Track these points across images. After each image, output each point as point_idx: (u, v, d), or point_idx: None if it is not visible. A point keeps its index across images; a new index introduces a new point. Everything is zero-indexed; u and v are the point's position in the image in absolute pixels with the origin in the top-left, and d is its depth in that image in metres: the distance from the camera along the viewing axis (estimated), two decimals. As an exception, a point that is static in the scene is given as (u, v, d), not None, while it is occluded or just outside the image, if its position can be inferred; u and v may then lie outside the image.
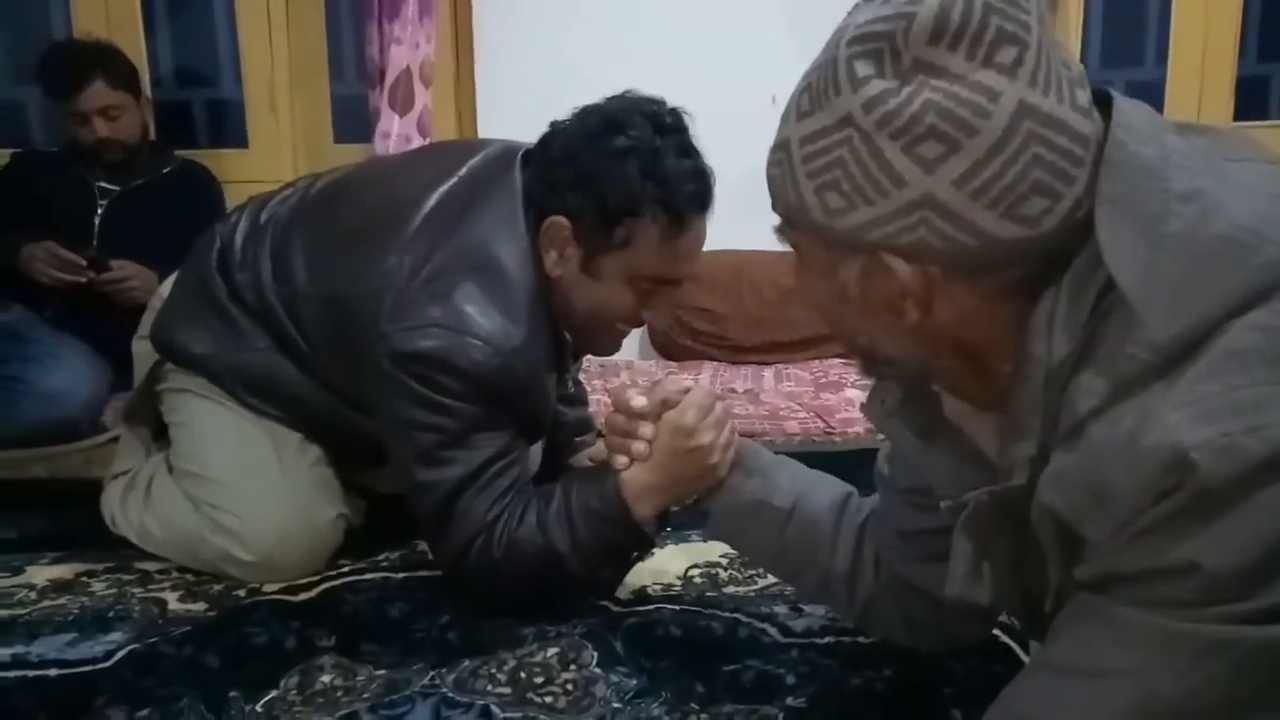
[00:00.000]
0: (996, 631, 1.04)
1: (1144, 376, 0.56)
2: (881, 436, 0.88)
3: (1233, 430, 0.53)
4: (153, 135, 2.34)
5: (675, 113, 1.14)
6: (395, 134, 2.34)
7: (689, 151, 1.13)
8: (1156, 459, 0.54)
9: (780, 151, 0.64)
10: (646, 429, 1.07)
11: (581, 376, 1.60)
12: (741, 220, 2.25)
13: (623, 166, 1.09)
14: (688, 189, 1.11)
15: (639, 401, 1.07)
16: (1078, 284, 0.60)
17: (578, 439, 1.50)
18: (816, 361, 2.37)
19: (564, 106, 1.19)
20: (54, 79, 2.15)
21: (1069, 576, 0.63)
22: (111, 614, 1.20)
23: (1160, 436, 0.54)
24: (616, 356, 2.35)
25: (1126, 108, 0.61)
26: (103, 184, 2.17)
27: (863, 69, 0.59)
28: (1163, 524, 0.55)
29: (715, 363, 2.40)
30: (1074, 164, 0.58)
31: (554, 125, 1.17)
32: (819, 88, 0.61)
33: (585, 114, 1.14)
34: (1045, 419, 0.61)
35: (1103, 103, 0.61)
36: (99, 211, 2.16)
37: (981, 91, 0.57)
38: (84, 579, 1.30)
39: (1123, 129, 0.59)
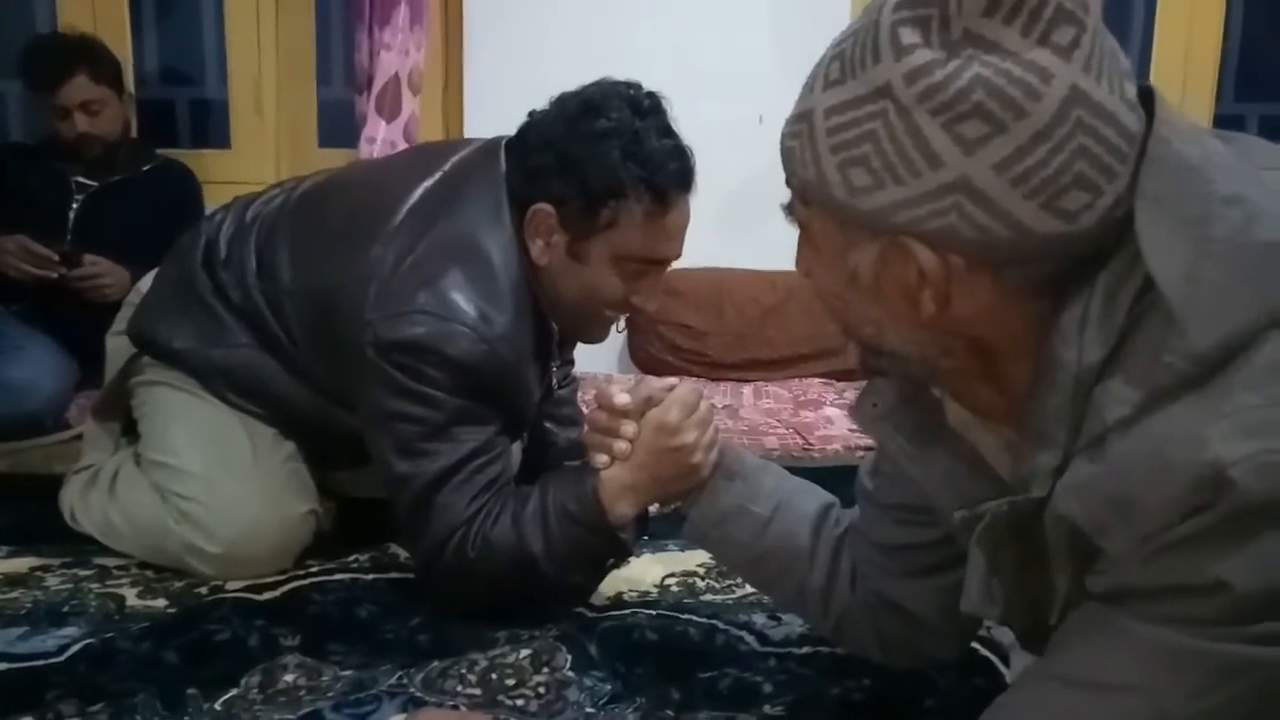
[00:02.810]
0: (975, 645, 1.03)
1: (1178, 387, 0.54)
2: (861, 454, 0.85)
3: (1275, 447, 0.50)
4: (134, 133, 2.31)
5: (653, 95, 1.14)
6: (381, 139, 2.34)
7: (669, 132, 1.13)
8: (1189, 474, 0.52)
9: (801, 122, 0.60)
10: (629, 427, 1.05)
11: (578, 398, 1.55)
12: (724, 239, 2.28)
13: (604, 149, 1.09)
14: (670, 168, 1.11)
15: (622, 399, 1.05)
16: (1113, 286, 0.56)
17: (567, 464, 1.48)
18: (796, 380, 2.37)
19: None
20: (36, 71, 2.12)
21: (1079, 587, 0.61)
22: (66, 609, 1.16)
23: (1195, 451, 0.52)
24: (597, 369, 2.36)
25: (1168, 106, 0.58)
26: (80, 179, 2.14)
27: (908, 36, 0.55)
28: (1191, 541, 0.53)
29: (695, 379, 2.39)
30: (1119, 159, 0.55)
31: (532, 114, 1.17)
32: (853, 55, 0.57)
33: (563, 100, 1.14)
34: (1070, 428, 0.58)
35: (1143, 100, 0.57)
36: (74, 206, 2.13)
37: (1035, 71, 0.53)
38: (38, 573, 1.26)
39: (1166, 125, 0.56)
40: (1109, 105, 0.55)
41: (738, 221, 2.35)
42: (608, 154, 1.08)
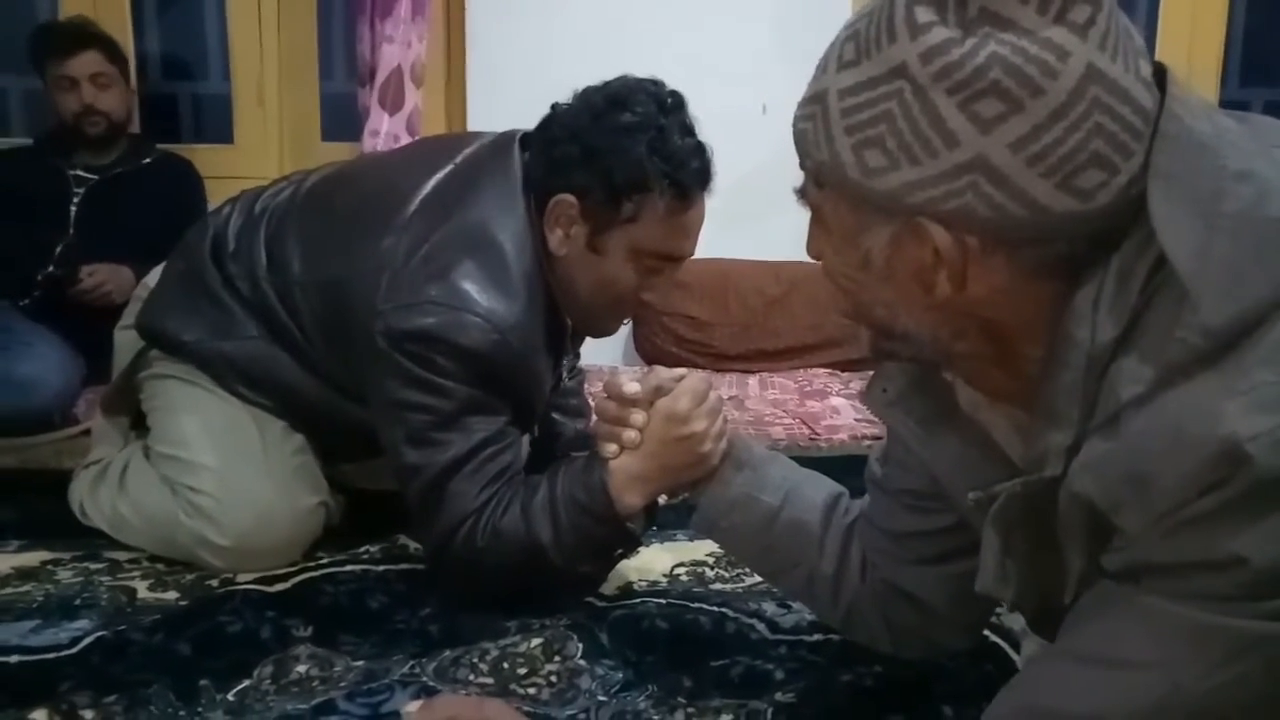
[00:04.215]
0: (986, 631, 1.03)
1: (1193, 363, 0.53)
2: (868, 443, 0.84)
3: None
4: (136, 128, 2.32)
5: (676, 93, 1.15)
6: (384, 133, 2.34)
7: (690, 130, 1.14)
8: (1206, 450, 0.52)
9: (814, 104, 0.60)
10: (638, 416, 1.05)
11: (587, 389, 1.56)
12: (728, 230, 2.27)
13: (630, 142, 1.10)
14: (692, 165, 1.12)
15: (632, 388, 1.05)
16: (1127, 264, 0.56)
17: (574, 455, 1.48)
18: (801, 370, 2.37)
19: (555, 110, 1.19)
20: (49, 43, 2.15)
21: (1093, 566, 0.61)
22: (78, 601, 1.16)
23: (1210, 427, 0.52)
24: (601, 362, 2.36)
25: (1180, 83, 0.57)
26: (79, 173, 2.15)
27: (924, 15, 0.55)
28: (1208, 517, 0.53)
29: (700, 370, 2.39)
30: (1134, 137, 0.55)
31: (555, 107, 1.18)
32: (869, 35, 0.57)
33: (588, 93, 1.15)
34: (1084, 406, 0.58)
35: (1156, 77, 0.57)
36: (75, 201, 2.13)
37: (1051, 49, 0.53)
38: (49, 567, 1.26)
39: (1178, 103, 0.56)
40: (1124, 83, 0.55)
41: (742, 212, 2.35)
42: (634, 148, 1.10)
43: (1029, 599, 0.70)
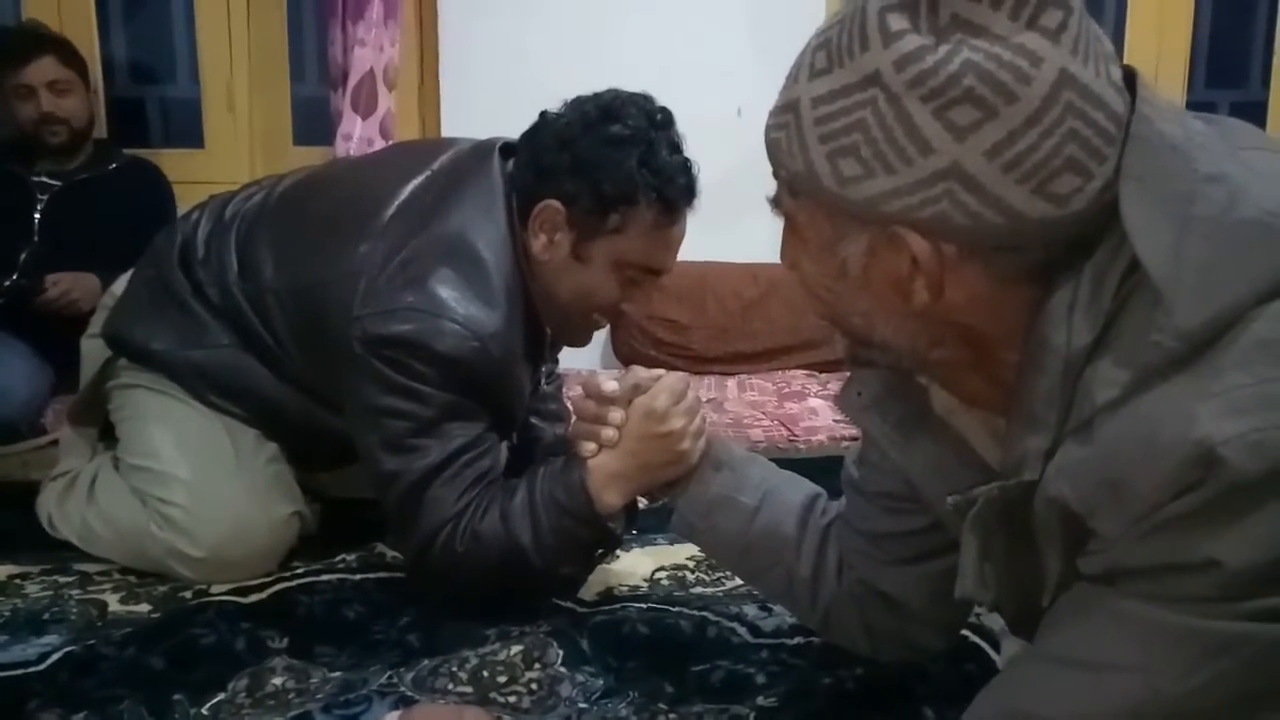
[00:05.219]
0: (966, 632, 1.03)
1: (1167, 366, 0.54)
2: (846, 444, 0.84)
3: (1265, 425, 0.50)
4: (103, 134, 2.29)
5: (665, 110, 1.16)
6: (357, 136, 2.32)
7: (678, 147, 1.15)
8: (1180, 453, 0.52)
9: (787, 113, 0.60)
10: (616, 414, 1.04)
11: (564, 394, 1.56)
12: (706, 232, 2.25)
13: (621, 155, 1.11)
14: (680, 181, 1.13)
15: (610, 386, 1.05)
16: (1101, 268, 0.57)
17: (552, 458, 1.48)
18: (779, 372, 2.38)
19: (528, 113, 1.19)
20: (1, 52, 2.10)
21: (1070, 569, 0.61)
22: (46, 616, 1.14)
23: (1184, 430, 0.52)
24: (578, 365, 2.35)
25: (1149, 86, 0.58)
26: (43, 179, 2.12)
27: (897, 22, 0.55)
28: (1183, 520, 0.53)
29: (678, 373, 2.39)
30: (1107, 142, 0.55)
31: (544, 114, 1.18)
32: (841, 43, 0.57)
33: (580, 103, 1.15)
34: (1060, 411, 0.58)
35: (1125, 81, 0.58)
36: (39, 208, 2.10)
37: (1024, 55, 0.53)
38: (17, 581, 1.24)
39: (1148, 105, 0.57)
40: (1096, 88, 0.55)
41: (718, 215, 2.33)
42: (624, 160, 1.10)
43: (1008, 601, 0.70)
